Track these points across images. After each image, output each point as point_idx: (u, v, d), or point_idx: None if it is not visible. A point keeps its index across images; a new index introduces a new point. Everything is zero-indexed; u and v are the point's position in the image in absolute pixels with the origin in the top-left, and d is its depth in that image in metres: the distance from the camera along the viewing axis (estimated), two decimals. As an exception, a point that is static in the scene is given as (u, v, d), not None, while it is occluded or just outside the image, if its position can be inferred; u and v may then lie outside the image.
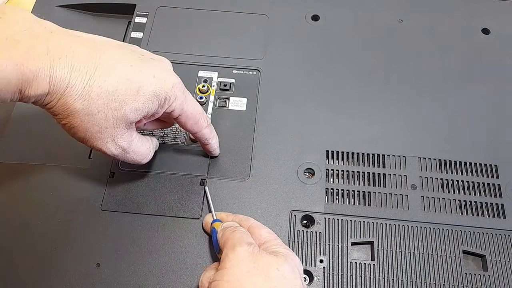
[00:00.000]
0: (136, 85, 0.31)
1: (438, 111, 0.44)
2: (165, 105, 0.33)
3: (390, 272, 0.36)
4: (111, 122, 0.31)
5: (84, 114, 0.30)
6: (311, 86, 0.46)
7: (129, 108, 0.31)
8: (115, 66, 0.31)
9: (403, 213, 0.39)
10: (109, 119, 0.31)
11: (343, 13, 0.51)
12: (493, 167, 0.41)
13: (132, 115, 0.31)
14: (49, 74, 0.28)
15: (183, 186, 0.39)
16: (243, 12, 0.51)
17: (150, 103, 0.32)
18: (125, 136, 0.33)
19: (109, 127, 0.31)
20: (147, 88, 0.31)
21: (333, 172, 0.41)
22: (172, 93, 0.33)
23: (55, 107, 0.30)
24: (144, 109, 0.32)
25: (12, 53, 0.27)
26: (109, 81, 0.30)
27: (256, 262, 0.29)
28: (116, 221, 0.38)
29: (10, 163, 0.41)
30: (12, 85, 0.27)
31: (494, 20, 0.51)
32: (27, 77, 0.28)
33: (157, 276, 0.36)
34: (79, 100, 0.30)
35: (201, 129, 0.37)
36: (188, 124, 0.36)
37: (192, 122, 0.36)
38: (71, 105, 0.30)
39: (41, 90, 0.29)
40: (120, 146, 0.33)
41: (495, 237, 0.38)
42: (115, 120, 0.31)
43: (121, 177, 0.40)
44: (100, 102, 0.30)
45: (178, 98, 0.33)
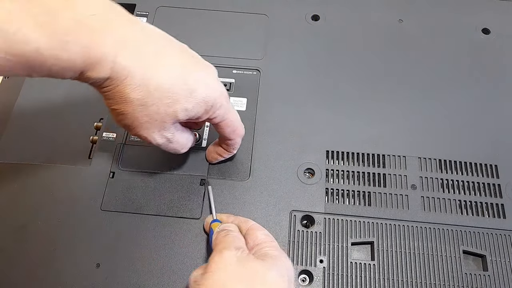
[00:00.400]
0: (190, 88, 0.32)
1: (438, 111, 0.44)
2: (210, 111, 0.34)
3: (390, 272, 0.36)
4: (162, 116, 0.32)
5: (138, 104, 0.31)
6: (311, 86, 0.46)
7: (180, 107, 0.32)
8: (174, 64, 0.32)
9: (403, 213, 0.39)
10: (160, 113, 0.32)
11: (343, 13, 0.51)
12: (493, 167, 0.41)
13: (181, 114, 0.33)
14: (113, 60, 0.29)
15: (183, 186, 0.39)
16: (243, 12, 0.51)
17: (198, 107, 0.33)
18: (171, 128, 0.34)
19: (158, 120, 0.32)
20: (199, 92, 0.33)
21: (333, 172, 0.41)
22: (219, 101, 0.34)
23: (111, 92, 0.31)
24: (193, 111, 0.33)
25: (79, 35, 0.28)
26: (167, 78, 0.31)
27: (243, 267, 0.29)
28: (116, 221, 0.38)
29: (10, 163, 0.41)
30: (77, 66, 0.28)
31: (494, 20, 0.51)
32: (92, 60, 0.28)
33: (157, 276, 0.36)
34: (137, 90, 0.31)
35: (236, 138, 0.38)
36: (226, 132, 0.37)
37: (230, 130, 0.37)
38: (128, 94, 0.31)
39: (103, 74, 0.29)
40: (165, 137, 0.34)
41: (495, 237, 0.38)
42: (166, 115, 0.32)
43: (121, 177, 0.40)
44: (155, 96, 0.31)
45: (223, 106, 0.35)
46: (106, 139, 0.42)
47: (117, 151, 0.41)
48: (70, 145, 0.42)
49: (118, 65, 0.29)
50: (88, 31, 0.28)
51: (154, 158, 0.41)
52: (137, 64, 0.30)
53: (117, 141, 0.42)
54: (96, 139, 0.42)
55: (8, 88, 0.46)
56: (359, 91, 0.45)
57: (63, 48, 0.27)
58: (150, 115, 0.32)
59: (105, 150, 0.41)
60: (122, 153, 0.41)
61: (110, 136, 0.42)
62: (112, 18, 0.30)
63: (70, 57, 0.28)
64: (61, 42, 0.27)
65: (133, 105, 0.31)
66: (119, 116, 0.32)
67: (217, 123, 0.36)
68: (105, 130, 0.42)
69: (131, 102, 0.31)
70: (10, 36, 0.25)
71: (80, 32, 0.28)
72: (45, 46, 0.26)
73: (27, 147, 0.42)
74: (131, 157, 0.41)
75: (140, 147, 0.41)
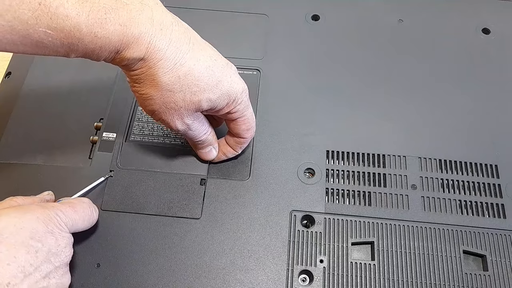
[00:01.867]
0: (217, 79, 0.34)
1: (438, 111, 0.44)
2: (231, 105, 0.35)
3: (391, 272, 0.36)
4: (187, 103, 0.33)
5: (167, 89, 0.32)
6: (311, 86, 0.46)
7: (206, 96, 0.33)
8: (204, 54, 0.33)
9: (404, 213, 0.39)
10: (186, 100, 0.33)
11: (343, 13, 0.51)
12: (493, 167, 0.41)
13: (205, 103, 0.34)
14: (149, 40, 0.30)
15: (183, 186, 0.39)
16: (243, 12, 0.51)
17: (221, 99, 0.34)
18: (193, 116, 0.35)
19: (183, 107, 0.33)
20: (224, 85, 0.34)
21: (333, 172, 0.41)
22: (240, 97, 0.35)
23: (143, 74, 0.32)
24: (216, 102, 0.34)
25: (118, 13, 0.28)
26: (198, 66, 0.32)
27: None
28: (116, 221, 0.38)
29: (10, 163, 0.41)
30: (112, 44, 0.29)
31: (494, 20, 0.51)
32: (128, 39, 0.29)
33: (157, 276, 0.36)
34: (168, 75, 0.31)
35: (248, 136, 0.39)
36: (241, 129, 0.38)
37: (245, 128, 0.38)
38: (160, 78, 0.31)
39: (138, 54, 0.30)
40: (186, 124, 0.35)
41: (495, 237, 0.38)
42: (191, 102, 0.33)
43: (121, 177, 0.40)
44: (184, 83, 0.32)
45: (243, 102, 0.36)
46: (106, 139, 0.42)
47: (117, 150, 0.41)
48: (70, 145, 0.42)
49: (153, 46, 0.30)
50: (126, 9, 0.29)
51: (154, 158, 0.41)
52: (171, 48, 0.31)
53: (117, 141, 0.42)
54: (96, 139, 0.42)
55: (8, 88, 0.46)
56: (359, 91, 0.45)
57: (102, 26, 0.28)
58: (176, 101, 0.33)
59: (105, 150, 0.41)
60: (121, 152, 0.41)
61: (110, 136, 0.42)
62: (147, 1, 0.30)
63: (106, 35, 0.28)
64: (100, 19, 0.28)
65: (162, 90, 0.32)
66: (146, 101, 0.33)
67: (235, 119, 0.37)
68: (105, 130, 0.42)
69: (161, 87, 0.32)
70: (52, 10, 0.26)
71: (118, 10, 0.28)
72: (84, 22, 0.27)
73: (27, 147, 0.42)
74: (130, 156, 0.41)
75: (140, 146, 0.41)
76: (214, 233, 0.37)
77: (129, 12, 0.29)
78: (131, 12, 0.29)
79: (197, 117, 0.36)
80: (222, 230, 0.38)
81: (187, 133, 0.37)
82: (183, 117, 0.34)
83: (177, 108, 0.33)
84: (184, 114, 0.34)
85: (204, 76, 0.33)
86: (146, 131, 0.42)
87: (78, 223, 0.33)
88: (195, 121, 0.36)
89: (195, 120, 0.36)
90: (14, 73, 0.47)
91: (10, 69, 0.48)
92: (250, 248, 0.37)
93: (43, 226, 0.30)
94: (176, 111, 0.34)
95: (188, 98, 0.33)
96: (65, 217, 0.32)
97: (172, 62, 0.31)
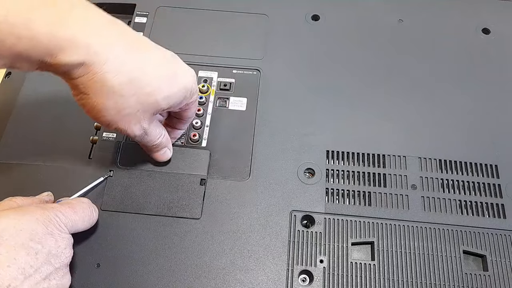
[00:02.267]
0: (171, 75, 0.32)
1: (438, 111, 0.44)
2: (189, 97, 0.35)
3: (391, 272, 0.36)
4: (144, 106, 0.32)
5: (119, 94, 0.30)
6: (311, 86, 0.46)
7: (162, 95, 0.32)
8: (150, 51, 0.32)
9: (404, 213, 0.39)
10: (142, 103, 0.31)
11: (343, 13, 0.51)
12: (494, 167, 0.41)
13: (163, 102, 0.32)
14: (87, 42, 0.27)
15: (183, 186, 0.39)
16: (243, 12, 0.51)
17: (180, 94, 0.33)
18: (150, 119, 0.34)
19: (140, 110, 0.32)
20: (180, 79, 0.33)
21: (333, 172, 0.41)
22: (195, 86, 0.35)
23: (90, 81, 0.29)
24: (174, 98, 0.33)
25: (45, 11, 0.26)
26: (148, 64, 0.31)
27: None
28: (116, 221, 0.38)
29: (10, 163, 0.41)
30: (42, 46, 0.26)
31: (494, 20, 0.51)
32: (61, 40, 0.27)
33: (157, 276, 0.36)
34: (118, 78, 0.29)
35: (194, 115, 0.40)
36: (191, 113, 0.38)
37: (195, 111, 0.38)
38: (108, 82, 0.29)
39: (76, 58, 0.27)
40: (143, 128, 0.34)
41: (495, 237, 0.38)
42: (148, 104, 0.32)
43: (120, 177, 0.40)
44: (136, 84, 0.30)
45: (196, 91, 0.36)
46: (106, 139, 0.42)
47: (116, 150, 0.41)
48: (70, 145, 0.42)
49: (94, 49, 0.28)
50: (53, 7, 0.26)
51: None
52: (115, 49, 0.29)
53: (117, 141, 0.42)
54: (96, 139, 0.42)
55: (8, 88, 0.46)
56: (359, 91, 0.45)
57: (26, 26, 0.25)
58: (132, 106, 0.31)
59: (105, 150, 0.41)
60: (121, 152, 0.41)
61: (110, 136, 0.42)
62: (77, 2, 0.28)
63: (33, 35, 0.26)
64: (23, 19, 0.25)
65: (114, 96, 0.30)
66: (99, 113, 0.31)
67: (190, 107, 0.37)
68: (105, 130, 0.42)
69: (112, 93, 0.29)
70: None
71: (42, 7, 0.26)
72: (3, 22, 0.25)
73: (27, 147, 0.42)
74: (129, 155, 0.41)
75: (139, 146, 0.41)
76: (214, 233, 0.37)
77: (57, 10, 0.27)
78: (60, 11, 0.27)
79: (153, 120, 0.35)
80: (222, 230, 0.37)
81: (143, 138, 0.35)
82: (140, 121, 0.33)
83: (133, 113, 0.31)
84: (141, 118, 0.32)
85: (156, 73, 0.31)
86: None
87: (78, 223, 0.33)
88: (151, 124, 0.34)
89: (151, 124, 0.34)
90: (14, 73, 0.47)
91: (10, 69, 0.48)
92: (250, 248, 0.37)
93: (42, 227, 0.30)
94: (133, 117, 0.32)
95: (143, 100, 0.31)
96: (65, 218, 0.32)
97: (118, 64, 0.29)
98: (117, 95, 0.30)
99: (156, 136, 0.36)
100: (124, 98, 0.30)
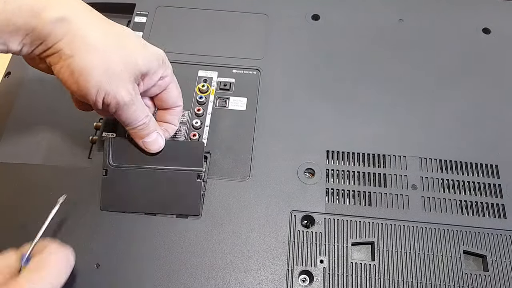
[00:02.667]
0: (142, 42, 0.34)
1: (438, 111, 0.44)
2: (163, 66, 0.35)
3: (391, 272, 0.36)
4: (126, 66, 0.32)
5: (104, 49, 0.31)
6: (311, 86, 0.46)
7: (141, 56, 0.33)
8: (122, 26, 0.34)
9: (404, 213, 0.39)
10: (124, 62, 0.32)
11: (344, 12, 0.51)
12: (494, 167, 0.41)
13: (142, 63, 0.33)
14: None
15: (180, 183, 0.38)
16: (243, 12, 0.51)
17: (153, 58, 0.34)
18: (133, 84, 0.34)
19: (123, 70, 0.32)
20: (149, 47, 0.34)
21: (333, 172, 0.41)
22: (165, 59, 0.36)
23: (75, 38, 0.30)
24: (151, 62, 0.34)
25: None
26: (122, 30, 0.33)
27: None
28: (116, 221, 0.38)
29: (10, 163, 0.41)
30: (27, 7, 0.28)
31: (495, 20, 0.51)
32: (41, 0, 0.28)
33: (156, 276, 0.36)
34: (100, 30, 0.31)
35: (181, 103, 0.39)
36: (175, 95, 0.38)
37: (177, 93, 0.38)
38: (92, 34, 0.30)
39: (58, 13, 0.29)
40: (130, 94, 0.33)
41: (495, 237, 0.38)
42: (129, 64, 0.32)
43: (119, 177, 0.39)
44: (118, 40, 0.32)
45: (169, 65, 0.37)
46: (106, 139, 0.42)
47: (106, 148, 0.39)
48: (70, 145, 0.42)
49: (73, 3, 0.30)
50: None
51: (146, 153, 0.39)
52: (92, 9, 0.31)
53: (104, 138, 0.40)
54: (96, 139, 0.42)
55: (8, 88, 0.46)
56: (359, 91, 0.45)
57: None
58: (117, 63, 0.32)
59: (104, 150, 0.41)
60: (112, 149, 0.39)
61: (110, 136, 0.42)
62: None
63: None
64: None
65: (98, 50, 0.31)
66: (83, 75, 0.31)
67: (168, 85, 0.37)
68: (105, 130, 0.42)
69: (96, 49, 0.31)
70: None
71: None
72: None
73: (27, 147, 0.42)
74: (120, 152, 0.39)
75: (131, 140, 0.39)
76: (214, 233, 0.37)
77: None
78: None
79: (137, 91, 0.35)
80: (222, 230, 0.37)
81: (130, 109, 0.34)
82: (127, 83, 0.33)
83: (118, 72, 0.32)
84: (126, 80, 0.33)
85: (132, 35, 0.33)
86: None
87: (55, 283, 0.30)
88: (138, 94, 0.35)
89: (137, 93, 0.35)
90: (13, 73, 0.47)
91: (10, 69, 0.48)
92: (250, 248, 0.37)
93: None
94: (119, 77, 0.32)
95: (125, 59, 0.32)
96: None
97: (98, 18, 0.31)
98: (101, 51, 0.31)
99: (143, 111, 0.36)
100: (108, 54, 0.31)
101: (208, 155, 0.41)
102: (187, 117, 0.43)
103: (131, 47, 0.33)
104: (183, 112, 0.43)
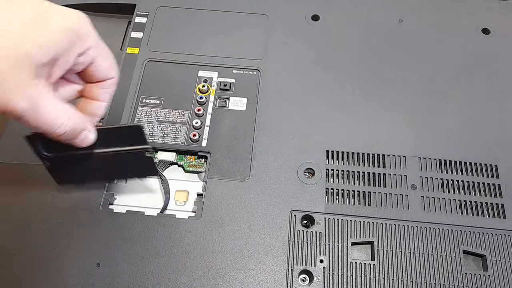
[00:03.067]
0: (38, 17, 0.26)
1: (438, 111, 0.44)
2: (77, 42, 0.28)
3: (390, 272, 0.36)
4: (14, 63, 0.25)
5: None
6: (311, 86, 0.46)
7: (31, 43, 0.25)
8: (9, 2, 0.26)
9: (403, 213, 0.39)
10: (9, 59, 0.25)
11: (343, 13, 0.51)
12: (493, 167, 0.41)
13: (39, 52, 0.26)
14: None
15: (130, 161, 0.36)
16: (243, 12, 0.51)
17: (59, 37, 0.27)
18: (34, 84, 0.26)
19: (12, 73, 0.25)
20: (52, 20, 0.27)
21: (333, 172, 0.41)
22: (83, 25, 0.28)
23: None
24: (51, 46, 0.26)
25: None
26: (3, 13, 0.25)
27: None
28: (116, 221, 0.38)
29: (10, 163, 0.41)
30: None
31: (494, 20, 0.51)
32: None
33: (157, 276, 0.36)
34: None
35: (115, 74, 0.32)
36: (106, 66, 0.31)
37: (110, 63, 0.31)
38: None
39: None
40: (29, 100, 0.26)
41: (495, 237, 0.38)
42: (18, 61, 0.25)
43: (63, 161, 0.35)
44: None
45: (91, 33, 0.29)
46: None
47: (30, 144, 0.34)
48: (70, 145, 0.42)
49: None
50: None
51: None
52: None
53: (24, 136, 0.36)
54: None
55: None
56: (359, 91, 0.45)
57: None
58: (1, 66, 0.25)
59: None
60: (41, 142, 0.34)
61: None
62: None
63: None
64: None
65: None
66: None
67: (94, 58, 0.30)
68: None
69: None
70: None
71: None
72: None
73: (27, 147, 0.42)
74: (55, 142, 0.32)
75: None
76: (214, 233, 0.37)
77: None
78: None
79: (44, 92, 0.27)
80: (222, 230, 0.38)
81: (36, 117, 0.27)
82: (22, 88, 0.26)
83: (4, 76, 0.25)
84: (19, 83, 0.26)
85: (18, 19, 0.25)
86: (145, 131, 0.42)
87: None
88: (43, 96, 0.27)
89: (42, 95, 0.27)
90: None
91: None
92: (250, 248, 0.37)
93: None
94: (6, 81, 0.25)
95: (10, 56, 0.25)
96: None
97: None
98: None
99: (59, 114, 0.28)
100: None
101: (208, 155, 0.41)
102: (187, 117, 0.44)
103: (19, 35, 0.25)
104: (183, 112, 0.44)
